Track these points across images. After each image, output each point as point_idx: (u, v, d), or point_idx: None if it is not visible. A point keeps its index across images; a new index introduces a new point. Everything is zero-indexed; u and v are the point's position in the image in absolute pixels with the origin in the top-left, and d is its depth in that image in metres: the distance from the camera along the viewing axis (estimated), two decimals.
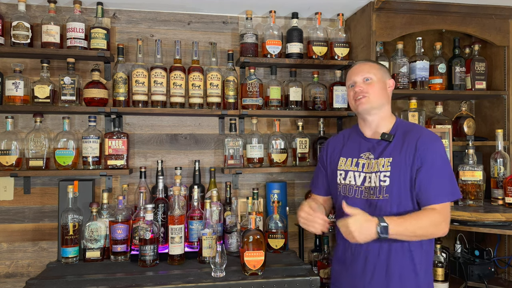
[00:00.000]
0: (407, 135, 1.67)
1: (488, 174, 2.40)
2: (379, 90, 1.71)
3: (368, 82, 1.71)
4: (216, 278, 1.83)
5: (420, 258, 1.63)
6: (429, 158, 1.59)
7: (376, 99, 1.70)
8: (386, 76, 1.77)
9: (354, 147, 1.79)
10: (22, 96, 2.17)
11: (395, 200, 1.61)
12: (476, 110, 2.79)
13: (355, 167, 1.73)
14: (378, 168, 1.66)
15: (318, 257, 2.39)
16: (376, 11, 2.30)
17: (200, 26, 2.55)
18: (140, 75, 2.26)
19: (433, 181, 1.58)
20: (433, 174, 1.58)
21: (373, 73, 1.72)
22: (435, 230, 1.57)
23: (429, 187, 1.58)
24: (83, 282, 1.80)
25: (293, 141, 2.51)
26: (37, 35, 2.28)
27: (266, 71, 2.59)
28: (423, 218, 1.56)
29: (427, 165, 1.59)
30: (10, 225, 2.32)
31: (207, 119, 2.54)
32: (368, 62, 1.79)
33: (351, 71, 1.79)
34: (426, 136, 1.64)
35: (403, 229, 1.53)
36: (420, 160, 1.60)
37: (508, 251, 2.43)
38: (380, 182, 1.65)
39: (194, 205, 2.13)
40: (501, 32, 2.47)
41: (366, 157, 1.72)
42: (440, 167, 1.60)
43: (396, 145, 1.67)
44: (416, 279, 1.62)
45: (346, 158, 1.78)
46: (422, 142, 1.61)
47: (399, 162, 1.63)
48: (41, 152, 2.20)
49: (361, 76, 1.73)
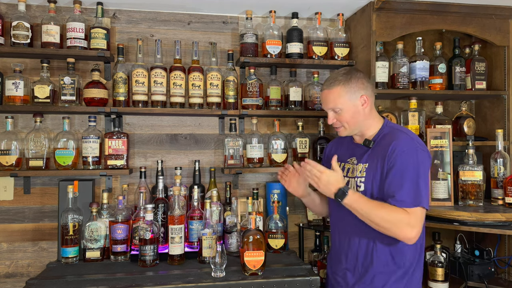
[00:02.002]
0: (384, 140, 1.66)
1: (488, 174, 2.40)
2: (351, 117, 1.69)
3: (338, 113, 1.70)
4: (216, 278, 1.83)
5: (401, 262, 1.62)
6: (397, 164, 1.57)
7: (352, 126, 1.71)
8: (355, 96, 1.68)
9: (344, 152, 1.83)
10: (22, 96, 2.17)
11: None
12: (476, 110, 2.79)
13: (342, 171, 1.74)
14: (356, 174, 1.70)
15: (318, 257, 2.40)
16: (376, 11, 2.30)
17: (200, 26, 2.55)
18: (140, 75, 2.26)
19: (397, 186, 1.55)
20: (399, 178, 1.55)
21: (340, 103, 1.67)
22: (396, 228, 1.53)
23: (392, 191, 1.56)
24: (83, 282, 1.80)
25: (293, 141, 2.51)
26: (37, 35, 2.28)
27: (266, 71, 2.59)
28: (387, 210, 1.54)
29: (394, 170, 1.57)
30: (10, 225, 2.32)
31: (207, 119, 2.54)
32: (331, 89, 1.69)
33: (321, 96, 1.77)
34: (399, 143, 1.60)
35: (359, 206, 1.57)
36: (388, 166, 1.59)
37: (508, 251, 2.43)
38: (357, 188, 1.68)
39: (194, 205, 2.13)
40: (501, 32, 2.47)
41: (352, 162, 1.75)
42: (406, 174, 1.55)
43: (373, 151, 1.69)
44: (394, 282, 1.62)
45: (337, 162, 1.79)
46: (393, 148, 1.59)
47: (373, 168, 1.65)
48: (41, 152, 2.20)
49: (329, 108, 1.72)
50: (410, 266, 1.64)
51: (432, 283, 2.22)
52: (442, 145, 2.26)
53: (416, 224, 1.53)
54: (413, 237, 1.53)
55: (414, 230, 1.52)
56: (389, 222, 1.53)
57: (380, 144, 1.67)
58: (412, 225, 1.52)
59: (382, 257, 1.63)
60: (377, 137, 1.71)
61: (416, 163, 1.57)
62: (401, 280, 1.63)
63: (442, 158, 2.26)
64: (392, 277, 1.62)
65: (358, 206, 1.57)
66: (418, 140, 1.65)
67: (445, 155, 2.26)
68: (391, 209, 1.54)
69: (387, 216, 1.53)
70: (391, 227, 1.54)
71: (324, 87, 1.74)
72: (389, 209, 1.54)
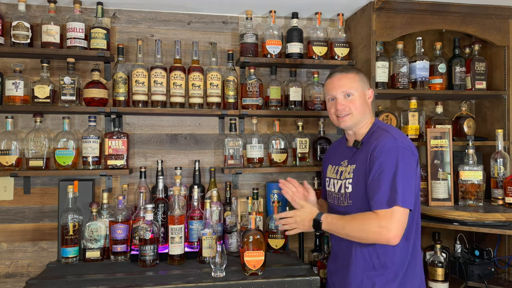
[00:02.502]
0: (369, 141, 1.66)
1: (488, 174, 2.40)
2: (361, 105, 1.68)
3: (349, 98, 1.68)
4: (216, 278, 1.83)
5: (388, 263, 1.60)
6: (376, 165, 1.56)
7: (358, 116, 1.69)
8: (366, 86, 1.72)
9: (338, 155, 1.83)
10: (22, 96, 2.17)
11: (357, 206, 1.63)
12: (476, 110, 2.79)
13: (335, 174, 1.78)
14: (345, 176, 1.70)
15: (318, 257, 2.39)
16: (376, 11, 2.30)
17: (200, 26, 2.55)
18: (140, 75, 2.26)
19: (375, 187, 1.54)
20: (377, 181, 1.54)
21: (355, 88, 1.67)
22: (372, 234, 1.51)
23: (372, 193, 1.55)
24: (83, 282, 1.80)
25: (293, 141, 2.51)
26: (37, 35, 2.28)
27: (266, 71, 2.59)
28: (357, 220, 1.55)
29: (373, 170, 1.56)
30: (10, 225, 2.32)
31: (207, 119, 2.54)
32: (348, 74, 1.70)
33: (331, 83, 1.72)
34: (379, 142, 1.58)
35: (335, 227, 1.60)
36: (370, 166, 1.59)
37: (508, 251, 2.43)
38: (345, 189, 1.68)
39: (194, 205, 2.13)
40: (501, 32, 2.47)
41: (344, 164, 1.75)
42: (383, 174, 1.53)
43: (359, 152, 1.69)
44: (384, 284, 1.60)
45: (332, 165, 1.84)
46: (373, 148, 1.59)
47: (359, 168, 1.65)
48: (41, 152, 2.20)
49: (342, 91, 1.69)
50: (399, 268, 1.60)
51: (432, 283, 2.22)
52: (442, 145, 2.26)
53: (389, 224, 1.48)
54: (391, 238, 1.48)
55: (390, 231, 1.48)
56: (363, 231, 1.53)
57: (366, 144, 1.67)
58: (384, 226, 1.48)
59: (366, 258, 1.62)
60: (365, 137, 1.71)
61: (395, 162, 1.53)
62: (391, 284, 1.60)
63: (442, 158, 2.26)
64: (378, 279, 1.60)
65: (334, 227, 1.61)
66: (402, 139, 1.61)
67: (445, 155, 2.26)
68: (361, 217, 1.55)
69: (359, 227, 1.54)
70: (367, 236, 1.53)
71: (336, 73, 1.72)
72: (359, 219, 1.55)
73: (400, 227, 1.50)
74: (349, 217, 1.58)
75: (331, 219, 1.61)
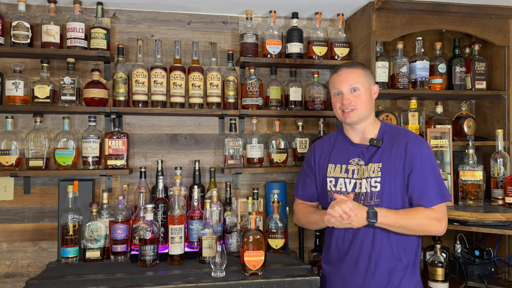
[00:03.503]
0: (395, 140, 1.68)
1: (488, 174, 2.40)
2: (366, 101, 1.69)
3: (355, 93, 1.68)
4: (216, 278, 1.83)
5: (406, 252, 1.66)
6: (419, 163, 1.62)
7: (364, 111, 1.70)
8: (372, 81, 1.73)
9: (342, 153, 1.78)
10: (22, 96, 2.17)
11: (386, 205, 1.64)
12: (476, 110, 2.79)
13: (345, 173, 1.74)
14: (368, 174, 1.68)
15: (318, 257, 2.39)
16: (376, 11, 2.30)
17: (200, 26, 2.55)
18: (140, 75, 2.26)
19: (423, 186, 1.61)
20: (423, 179, 1.61)
21: (361, 83, 1.68)
22: (428, 227, 1.62)
23: (420, 191, 1.61)
24: (83, 282, 1.80)
25: (293, 141, 2.51)
26: (37, 35, 2.28)
27: (266, 71, 2.59)
28: (414, 214, 1.60)
29: (417, 169, 1.61)
30: (10, 225, 2.32)
31: (207, 119, 2.54)
32: (355, 69, 1.70)
33: (337, 77, 1.71)
34: (415, 140, 1.65)
35: (392, 220, 1.58)
36: (411, 165, 1.62)
37: (508, 251, 2.43)
38: (371, 188, 1.66)
39: (194, 205, 2.13)
40: (501, 32, 2.47)
41: (356, 163, 1.72)
42: (430, 171, 1.63)
43: (384, 150, 1.68)
44: (402, 271, 1.65)
45: (335, 164, 1.78)
46: (411, 146, 1.63)
47: (389, 167, 1.65)
48: (41, 152, 2.20)
49: (348, 85, 1.68)
50: (411, 258, 1.68)
51: (432, 283, 2.22)
52: (442, 145, 2.26)
53: (443, 217, 1.62)
54: (443, 230, 1.63)
55: (443, 223, 1.62)
56: (422, 226, 1.61)
57: (391, 143, 1.68)
58: (440, 219, 1.61)
59: (393, 250, 1.67)
60: (381, 136, 1.71)
61: (433, 158, 1.66)
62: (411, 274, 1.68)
63: (442, 158, 2.26)
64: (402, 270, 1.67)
65: (391, 221, 1.59)
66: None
67: (445, 155, 2.26)
68: (419, 212, 1.61)
69: (419, 221, 1.60)
70: (424, 229, 1.63)
71: (343, 68, 1.72)
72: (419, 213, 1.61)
73: (447, 218, 1.66)
74: (404, 212, 1.62)
75: (386, 212, 1.59)
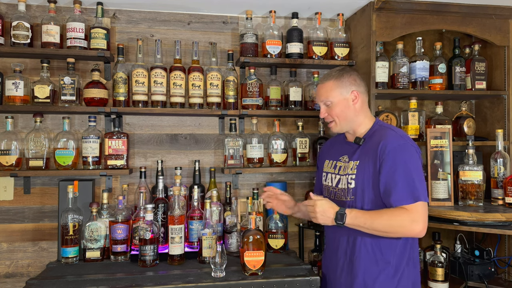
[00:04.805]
0: (373, 138, 1.70)
1: (488, 174, 2.40)
2: (341, 111, 1.73)
3: (329, 107, 1.76)
4: (216, 278, 1.83)
5: (391, 258, 1.64)
6: (390, 160, 1.60)
7: (342, 122, 1.75)
8: (346, 90, 1.73)
9: (336, 150, 1.86)
10: (22, 96, 2.17)
11: (359, 202, 1.66)
12: (476, 110, 2.79)
13: (333, 169, 1.81)
14: (347, 171, 1.72)
15: (318, 257, 2.39)
16: (376, 11, 2.29)
17: (200, 26, 2.55)
18: (140, 75, 2.26)
19: (392, 184, 1.59)
20: (393, 177, 1.59)
21: (331, 97, 1.73)
22: (402, 229, 1.57)
23: (388, 189, 1.60)
24: (83, 282, 1.80)
25: (293, 141, 2.51)
26: (37, 35, 2.28)
27: (266, 71, 2.59)
28: (387, 215, 1.58)
29: (387, 167, 1.60)
30: (10, 225, 2.32)
31: (207, 119, 2.54)
32: (324, 83, 1.77)
33: (316, 92, 1.85)
34: (388, 140, 1.63)
35: (362, 221, 1.59)
36: (381, 163, 1.62)
37: (508, 251, 2.43)
38: (347, 184, 1.71)
39: (194, 205, 2.13)
40: (501, 32, 2.47)
41: (344, 160, 1.78)
42: (401, 170, 1.58)
43: (364, 149, 1.71)
44: (385, 280, 1.63)
45: (329, 160, 1.87)
46: (382, 146, 1.62)
47: (363, 165, 1.67)
48: (41, 152, 2.20)
49: (321, 101, 1.78)
50: (399, 263, 1.64)
51: (432, 283, 2.22)
52: (442, 145, 2.26)
53: (419, 218, 1.56)
54: (420, 231, 1.56)
55: (419, 224, 1.55)
56: (394, 227, 1.57)
57: (370, 141, 1.70)
58: (415, 220, 1.55)
59: (369, 253, 1.65)
60: (367, 135, 1.74)
61: (407, 158, 1.60)
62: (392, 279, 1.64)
63: (442, 158, 2.26)
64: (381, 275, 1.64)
65: (360, 222, 1.59)
66: (406, 136, 1.70)
67: (445, 155, 2.26)
68: (391, 212, 1.57)
69: (388, 222, 1.57)
70: (397, 230, 1.58)
71: (318, 82, 1.82)
72: (389, 214, 1.57)
73: (426, 219, 1.59)
74: (375, 212, 1.60)
75: (356, 213, 1.60)
